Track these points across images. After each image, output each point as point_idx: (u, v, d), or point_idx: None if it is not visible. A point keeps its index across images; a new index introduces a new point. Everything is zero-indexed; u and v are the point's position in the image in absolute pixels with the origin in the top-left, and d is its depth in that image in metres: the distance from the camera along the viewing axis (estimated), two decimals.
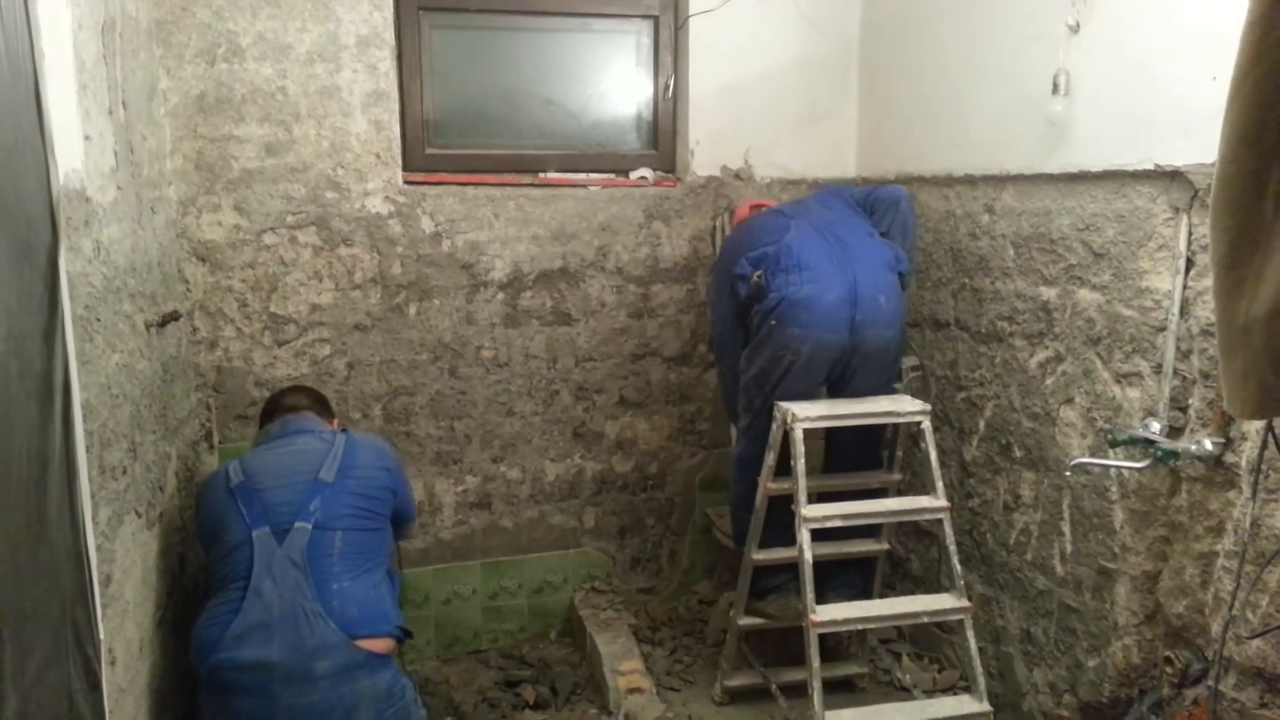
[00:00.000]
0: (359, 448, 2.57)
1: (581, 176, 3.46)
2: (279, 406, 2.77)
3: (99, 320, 1.97)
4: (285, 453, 2.53)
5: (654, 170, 3.55)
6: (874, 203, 3.08)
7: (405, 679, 2.40)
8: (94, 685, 1.45)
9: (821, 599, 2.69)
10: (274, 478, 2.42)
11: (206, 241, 3.04)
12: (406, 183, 3.23)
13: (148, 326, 2.40)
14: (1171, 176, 2.28)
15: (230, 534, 2.34)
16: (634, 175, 3.52)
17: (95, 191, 2.01)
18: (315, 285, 3.17)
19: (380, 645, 2.32)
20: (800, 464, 2.64)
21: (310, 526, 2.32)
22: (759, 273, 2.84)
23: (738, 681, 3.10)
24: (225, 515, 2.37)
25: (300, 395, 2.83)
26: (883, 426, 3.01)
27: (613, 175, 3.51)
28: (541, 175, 3.43)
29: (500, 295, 3.37)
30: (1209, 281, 2.20)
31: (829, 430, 3.10)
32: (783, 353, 2.81)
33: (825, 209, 3.04)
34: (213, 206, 3.03)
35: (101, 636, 1.48)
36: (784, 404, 2.76)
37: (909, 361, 3.05)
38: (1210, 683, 2.22)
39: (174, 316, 2.63)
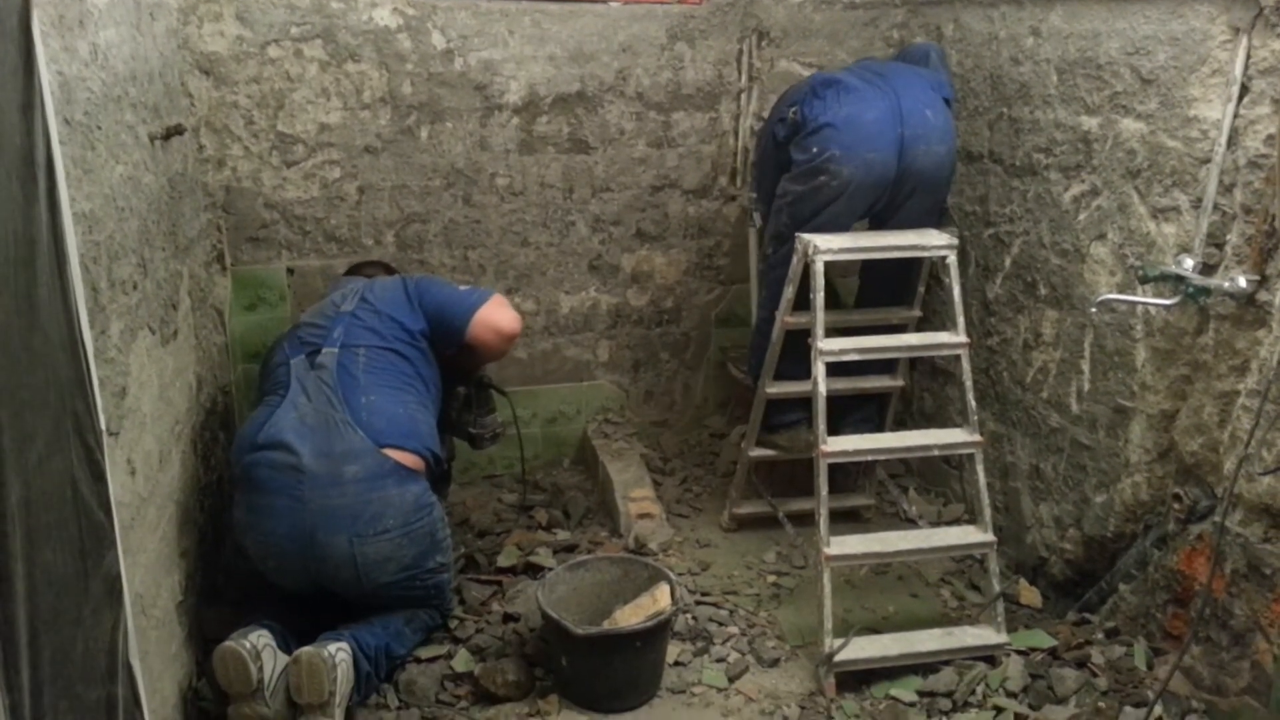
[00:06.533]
0: (380, 281, 2.75)
1: None
2: (352, 273, 2.98)
3: (99, 128, 1.91)
4: (325, 299, 2.75)
5: None
6: (905, 58, 3.08)
7: (434, 497, 2.48)
8: (98, 476, 1.47)
9: (834, 433, 2.70)
10: (311, 317, 2.67)
11: (209, 53, 2.91)
12: None
13: (151, 139, 2.33)
14: None
15: (273, 360, 2.61)
16: None
17: None
18: (323, 103, 3.05)
19: (409, 459, 2.41)
20: (819, 297, 2.59)
21: (336, 350, 2.49)
22: (795, 108, 2.79)
23: (746, 510, 3.16)
24: (274, 351, 2.66)
25: (376, 268, 3.01)
26: (918, 265, 2.93)
27: None
28: None
29: (515, 120, 3.25)
30: (1263, 109, 2.08)
31: (862, 267, 3.04)
32: (822, 179, 2.72)
33: (857, 65, 3.06)
34: (214, 15, 2.89)
35: (103, 427, 1.49)
36: (806, 235, 2.69)
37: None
38: (1217, 518, 2.23)
39: (178, 130, 2.55)
